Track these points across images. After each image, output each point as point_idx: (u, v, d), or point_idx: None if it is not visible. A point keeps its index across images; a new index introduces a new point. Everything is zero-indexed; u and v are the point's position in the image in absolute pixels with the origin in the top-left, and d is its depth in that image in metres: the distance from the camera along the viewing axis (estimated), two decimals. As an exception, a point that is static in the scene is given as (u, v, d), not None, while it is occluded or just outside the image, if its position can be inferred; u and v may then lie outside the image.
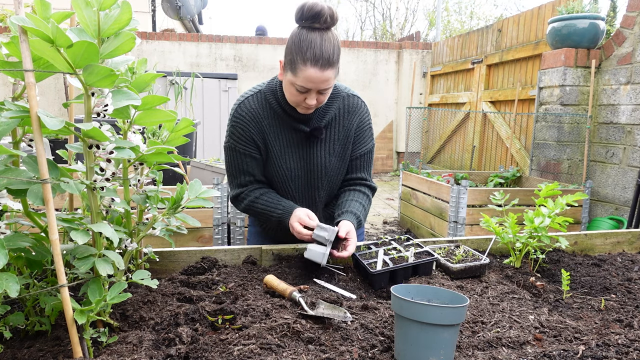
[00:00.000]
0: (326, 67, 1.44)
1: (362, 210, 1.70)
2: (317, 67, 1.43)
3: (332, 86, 1.52)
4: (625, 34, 4.35)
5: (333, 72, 1.48)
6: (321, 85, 1.48)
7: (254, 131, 1.64)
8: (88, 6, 0.96)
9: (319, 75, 1.45)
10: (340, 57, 1.50)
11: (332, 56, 1.45)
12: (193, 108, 7.24)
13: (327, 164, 1.70)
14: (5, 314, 1.07)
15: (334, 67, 1.47)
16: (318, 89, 1.49)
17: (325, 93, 1.53)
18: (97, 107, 1.01)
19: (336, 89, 1.70)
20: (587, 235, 1.88)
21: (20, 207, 1.03)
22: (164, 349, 1.01)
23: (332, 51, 1.45)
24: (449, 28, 17.42)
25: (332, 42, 1.46)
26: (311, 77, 1.45)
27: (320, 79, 1.46)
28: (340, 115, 1.69)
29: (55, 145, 3.39)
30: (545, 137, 4.93)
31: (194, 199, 1.25)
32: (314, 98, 1.51)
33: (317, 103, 1.55)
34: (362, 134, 1.74)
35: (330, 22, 1.45)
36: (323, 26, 1.45)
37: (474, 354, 1.04)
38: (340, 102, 1.69)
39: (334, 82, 1.53)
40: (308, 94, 1.51)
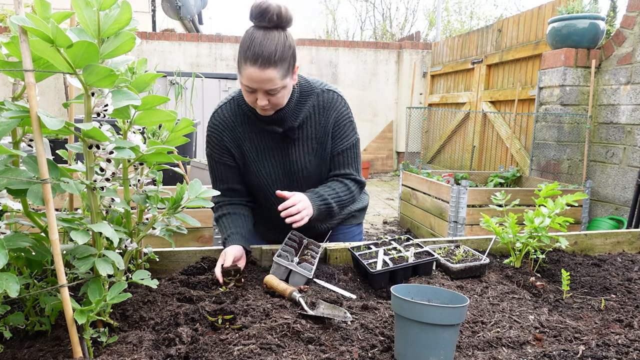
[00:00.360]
0: (266, 65, 1.38)
1: (332, 192, 1.62)
2: (255, 65, 1.38)
3: (281, 87, 1.45)
4: (625, 34, 4.35)
5: (276, 71, 1.40)
6: (263, 85, 1.42)
7: (228, 139, 1.63)
8: (88, 6, 0.96)
9: (258, 74, 1.39)
10: (290, 57, 1.43)
11: (274, 55, 1.38)
12: (193, 108, 7.23)
13: (307, 164, 1.66)
14: (5, 314, 1.07)
15: (276, 67, 1.40)
16: (262, 88, 1.43)
17: (276, 94, 1.46)
18: (97, 107, 1.01)
19: (310, 85, 1.64)
20: (587, 235, 1.88)
21: (20, 207, 1.03)
22: (164, 349, 1.01)
23: (274, 50, 1.38)
24: (449, 28, 17.42)
25: (277, 40, 1.40)
26: (250, 75, 1.40)
27: (260, 77, 1.40)
28: (315, 113, 1.64)
29: (55, 145, 3.39)
30: (545, 137, 4.93)
31: (194, 199, 1.25)
32: (263, 98, 1.46)
33: (272, 104, 1.49)
34: (341, 129, 1.66)
35: (277, 21, 1.40)
36: (270, 25, 1.40)
37: (474, 354, 1.04)
38: (315, 99, 1.63)
39: (283, 82, 1.45)
40: (256, 94, 1.46)
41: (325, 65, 9.29)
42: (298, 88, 1.61)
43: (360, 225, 1.96)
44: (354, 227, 1.92)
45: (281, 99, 1.50)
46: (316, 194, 1.59)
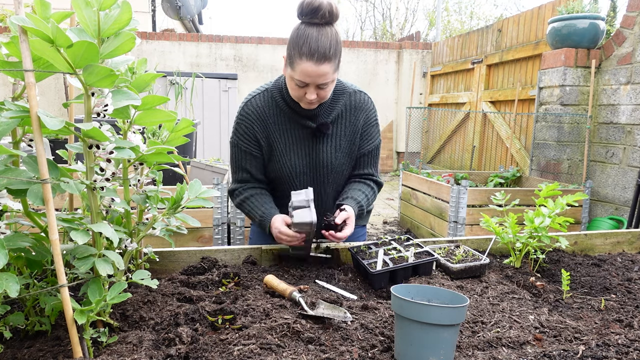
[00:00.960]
0: (322, 61, 1.45)
1: (365, 198, 1.72)
2: (312, 61, 1.44)
3: (331, 81, 1.52)
4: (625, 34, 4.35)
5: (330, 66, 1.47)
6: (318, 79, 1.48)
7: (258, 129, 1.67)
8: (88, 6, 0.96)
9: (314, 69, 1.45)
10: (340, 53, 1.50)
11: (329, 50, 1.45)
12: (193, 108, 7.24)
13: (334, 160, 1.70)
14: (5, 314, 1.07)
15: (330, 62, 1.47)
16: (315, 83, 1.49)
17: (326, 88, 1.53)
18: (97, 107, 1.01)
19: (342, 85, 1.71)
20: (587, 235, 1.88)
21: (20, 207, 1.03)
22: (164, 349, 1.01)
23: (328, 45, 1.45)
24: (449, 28, 17.42)
25: (330, 37, 1.46)
26: (307, 70, 1.46)
27: (316, 72, 1.46)
28: (347, 112, 1.70)
29: (55, 145, 3.39)
30: (545, 137, 4.93)
31: (194, 199, 1.25)
32: (313, 93, 1.52)
33: (319, 98, 1.55)
34: (368, 131, 1.75)
35: (329, 18, 1.46)
36: (321, 21, 1.46)
37: (474, 354, 1.04)
38: (347, 99, 1.70)
39: (333, 77, 1.53)
40: (307, 88, 1.51)
41: (325, 65, 9.28)
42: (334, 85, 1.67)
43: (363, 228, 1.97)
44: (358, 228, 1.92)
45: (328, 93, 1.56)
46: (354, 201, 1.67)
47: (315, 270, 1.51)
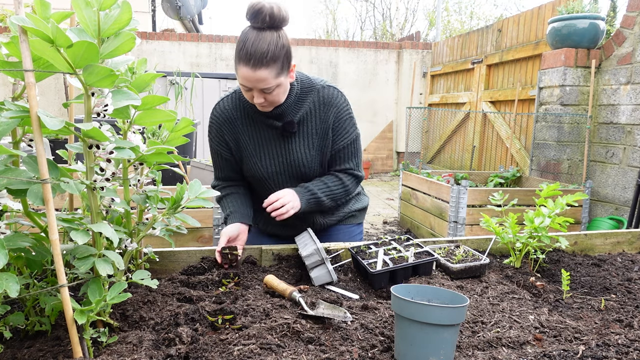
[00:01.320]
0: (258, 66, 1.41)
1: (322, 185, 1.67)
2: (248, 66, 1.42)
3: (275, 86, 1.48)
4: (625, 34, 4.35)
5: (268, 72, 1.43)
6: (257, 84, 1.45)
7: (227, 132, 1.69)
8: (88, 6, 0.96)
9: (250, 74, 1.43)
10: (283, 57, 1.45)
11: (266, 55, 1.41)
12: (193, 108, 7.23)
13: (306, 159, 1.68)
14: (5, 314, 1.07)
15: (269, 67, 1.43)
16: (256, 87, 1.46)
17: (272, 92, 1.49)
18: (97, 107, 1.01)
19: (310, 82, 1.67)
20: (587, 235, 1.88)
21: (20, 207, 1.03)
22: (164, 349, 1.01)
23: (265, 50, 1.41)
24: (449, 28, 17.42)
25: (269, 41, 1.42)
26: (244, 75, 1.44)
27: (253, 77, 1.43)
28: (316, 109, 1.66)
29: (55, 145, 3.39)
30: (545, 137, 4.93)
31: (194, 199, 1.25)
32: (259, 97, 1.49)
33: (268, 102, 1.53)
34: (341, 125, 1.68)
35: (270, 22, 1.42)
36: (263, 25, 1.42)
37: (474, 354, 1.04)
38: (315, 95, 1.66)
39: (277, 81, 1.48)
40: (252, 92, 1.49)
41: (325, 65, 9.29)
42: (299, 84, 1.64)
43: (360, 225, 1.97)
44: (354, 226, 1.93)
45: (277, 96, 1.53)
46: (305, 188, 1.65)
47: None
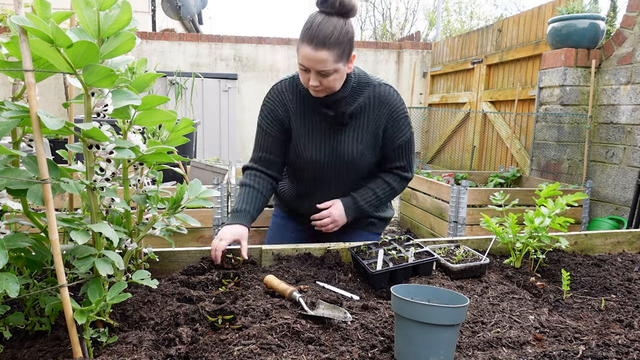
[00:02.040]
0: (320, 46, 1.45)
1: (372, 196, 1.75)
2: (311, 45, 1.46)
3: (333, 70, 1.51)
4: (625, 34, 4.35)
5: (329, 54, 1.47)
6: (316, 65, 1.48)
7: (281, 112, 1.71)
8: (88, 6, 0.96)
9: (312, 54, 1.46)
10: (346, 44, 1.49)
11: (329, 37, 1.45)
12: (193, 108, 7.24)
13: (355, 152, 1.70)
14: (5, 314, 1.07)
15: (330, 49, 1.46)
16: (315, 68, 1.50)
17: (328, 77, 1.52)
18: (97, 107, 1.01)
19: (367, 78, 1.70)
20: (587, 235, 1.88)
21: (20, 207, 1.03)
22: (164, 349, 1.01)
23: (330, 33, 1.45)
24: (449, 28, 17.41)
25: (335, 25, 1.46)
26: (305, 54, 1.48)
27: (313, 58, 1.47)
28: (370, 105, 1.69)
29: (55, 145, 3.39)
30: (545, 137, 4.93)
31: (194, 199, 1.25)
32: (315, 79, 1.52)
33: (323, 87, 1.55)
34: (396, 124, 1.72)
35: (339, 7, 1.46)
36: (331, 10, 1.47)
37: (474, 354, 1.04)
38: (371, 91, 1.69)
39: (335, 66, 1.51)
40: (310, 74, 1.53)
41: (325, 65, 9.27)
42: (356, 78, 1.67)
43: (377, 236, 1.93)
44: (372, 235, 1.91)
45: (332, 82, 1.55)
46: (354, 201, 1.73)
47: (316, 270, 1.51)
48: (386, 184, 1.77)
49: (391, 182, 1.77)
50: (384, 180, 1.77)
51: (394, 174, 1.79)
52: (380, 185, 1.76)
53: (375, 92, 1.69)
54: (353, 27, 1.53)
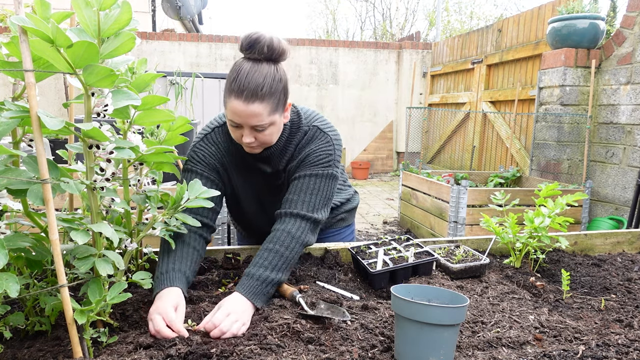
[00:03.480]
0: (251, 99, 1.28)
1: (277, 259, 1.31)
2: (240, 99, 1.28)
3: (269, 124, 1.34)
4: (625, 34, 4.35)
5: (262, 107, 1.30)
6: (249, 120, 1.31)
7: (217, 163, 1.51)
8: (88, 6, 0.96)
9: (242, 108, 1.29)
10: (280, 93, 1.33)
11: (261, 89, 1.28)
12: (193, 108, 7.24)
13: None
14: (5, 314, 1.07)
15: (263, 102, 1.29)
16: (248, 124, 1.32)
17: (264, 131, 1.35)
18: (97, 107, 1.01)
19: (299, 122, 1.52)
20: (587, 235, 1.88)
21: (20, 207, 1.03)
22: (164, 349, 1.01)
23: (262, 83, 1.28)
24: (449, 28, 17.42)
25: (266, 74, 1.30)
26: (235, 109, 1.30)
27: (244, 112, 1.29)
28: (297, 151, 1.51)
29: (55, 145, 3.39)
30: (545, 137, 4.93)
31: (194, 199, 1.25)
32: (249, 135, 1.35)
33: (259, 142, 1.38)
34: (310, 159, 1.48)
35: (267, 53, 1.30)
36: (259, 56, 1.31)
37: (474, 354, 1.04)
38: (300, 137, 1.51)
39: (271, 119, 1.34)
40: (242, 130, 1.35)
41: (325, 65, 9.29)
42: (289, 125, 1.50)
43: (350, 227, 1.88)
44: (344, 229, 1.85)
45: (269, 136, 1.38)
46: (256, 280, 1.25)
47: (315, 270, 1.51)
48: (285, 234, 1.37)
49: (289, 230, 1.37)
50: (279, 230, 1.38)
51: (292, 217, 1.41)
52: (278, 240, 1.35)
53: (304, 137, 1.51)
54: (285, 72, 1.37)
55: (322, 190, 1.46)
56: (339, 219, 1.82)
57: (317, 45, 9.28)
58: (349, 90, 9.31)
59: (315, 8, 38.06)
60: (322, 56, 9.27)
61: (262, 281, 1.26)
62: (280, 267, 1.31)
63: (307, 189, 1.45)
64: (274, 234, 1.39)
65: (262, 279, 1.26)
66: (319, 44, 9.32)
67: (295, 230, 1.38)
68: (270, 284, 1.27)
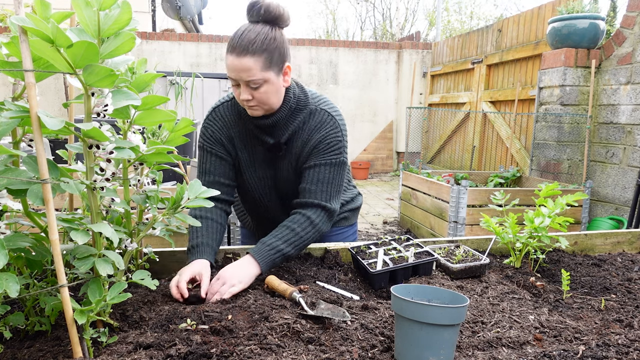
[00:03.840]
0: (243, 53, 1.36)
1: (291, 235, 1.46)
2: (234, 53, 1.37)
3: (262, 80, 1.40)
4: (625, 34, 4.35)
5: (253, 61, 1.36)
6: (241, 74, 1.38)
7: (224, 137, 1.61)
8: (88, 6, 0.96)
9: (235, 62, 1.37)
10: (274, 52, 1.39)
11: (252, 44, 1.36)
12: (193, 108, 7.24)
13: (289, 179, 1.62)
14: (5, 314, 1.07)
15: (254, 56, 1.36)
16: (241, 79, 1.39)
17: (259, 89, 1.41)
18: (97, 107, 1.01)
19: (306, 100, 1.56)
20: (587, 235, 1.88)
21: (20, 207, 1.03)
22: (164, 349, 1.01)
23: (254, 39, 1.36)
24: (449, 28, 17.42)
25: (259, 32, 1.38)
26: (229, 64, 1.39)
27: (237, 66, 1.37)
28: (303, 129, 1.56)
29: (55, 145, 3.40)
30: (545, 137, 4.93)
31: (194, 199, 1.25)
32: (245, 92, 1.41)
33: (257, 101, 1.43)
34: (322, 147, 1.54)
35: (264, 14, 1.38)
36: (257, 18, 1.40)
37: (474, 354, 1.04)
38: (306, 115, 1.56)
39: (264, 75, 1.39)
40: (239, 87, 1.42)
41: (325, 65, 9.29)
42: (295, 99, 1.55)
43: (353, 227, 1.90)
44: (346, 228, 1.86)
45: (265, 95, 1.43)
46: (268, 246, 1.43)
47: (316, 270, 1.51)
48: (303, 218, 1.51)
49: (309, 215, 1.51)
50: (300, 214, 1.52)
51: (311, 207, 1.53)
52: (296, 222, 1.50)
53: (310, 117, 1.56)
54: (284, 35, 1.43)
55: (335, 178, 1.57)
56: (342, 217, 1.83)
57: (317, 45, 9.29)
58: (349, 90, 9.31)
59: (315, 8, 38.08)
60: (322, 56, 9.28)
61: (272, 248, 1.42)
62: (292, 242, 1.46)
63: (324, 179, 1.55)
64: (294, 216, 1.52)
65: (272, 246, 1.43)
66: (319, 44, 9.33)
67: (315, 217, 1.52)
68: (278, 252, 1.43)
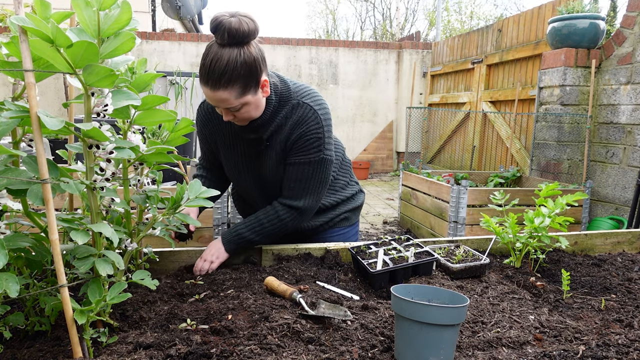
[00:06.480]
0: (216, 87, 1.32)
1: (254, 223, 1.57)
2: (207, 86, 1.33)
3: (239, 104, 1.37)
4: (625, 34, 4.35)
5: (227, 93, 1.33)
6: (220, 104, 1.37)
7: (208, 132, 1.66)
8: (88, 6, 0.96)
9: (210, 95, 1.35)
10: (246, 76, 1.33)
11: (224, 76, 1.29)
12: (193, 108, 7.24)
13: (271, 172, 1.61)
14: (5, 314, 1.07)
15: (227, 88, 1.32)
16: (219, 107, 1.40)
17: (240, 110, 1.40)
18: (97, 107, 1.01)
19: (288, 94, 1.53)
20: (587, 235, 1.88)
21: (20, 207, 1.03)
22: (164, 349, 1.01)
23: (223, 71, 1.29)
24: (449, 28, 17.42)
25: (229, 59, 1.29)
26: (206, 95, 1.36)
27: (213, 98, 1.35)
28: (286, 125, 1.53)
29: (55, 145, 3.40)
30: (546, 137, 4.93)
31: (194, 199, 1.25)
32: (227, 115, 1.42)
33: (239, 119, 1.45)
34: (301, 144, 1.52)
35: (229, 39, 1.28)
36: (223, 42, 1.30)
37: (474, 354, 1.04)
38: (288, 110, 1.53)
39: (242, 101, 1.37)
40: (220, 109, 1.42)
41: (325, 65, 9.28)
42: (277, 97, 1.52)
43: (354, 226, 1.89)
44: (348, 229, 1.85)
45: (246, 114, 1.43)
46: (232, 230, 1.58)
47: (316, 270, 1.51)
48: (272, 210, 1.57)
49: (277, 209, 1.57)
50: (272, 206, 1.59)
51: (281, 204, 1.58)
52: (264, 213, 1.58)
53: (292, 112, 1.52)
54: (254, 50, 1.34)
55: (314, 176, 1.55)
56: (342, 218, 1.81)
57: (317, 45, 9.28)
58: (349, 90, 9.31)
59: (315, 8, 38.08)
60: (322, 56, 9.27)
61: (235, 233, 1.56)
62: (255, 230, 1.56)
63: (300, 177, 1.55)
64: (267, 207, 1.60)
65: (234, 231, 1.57)
66: (319, 44, 9.32)
67: (283, 213, 1.57)
68: (239, 236, 1.56)
